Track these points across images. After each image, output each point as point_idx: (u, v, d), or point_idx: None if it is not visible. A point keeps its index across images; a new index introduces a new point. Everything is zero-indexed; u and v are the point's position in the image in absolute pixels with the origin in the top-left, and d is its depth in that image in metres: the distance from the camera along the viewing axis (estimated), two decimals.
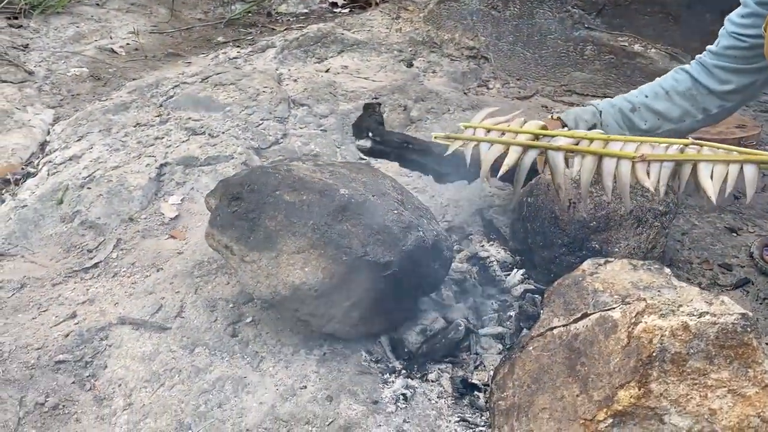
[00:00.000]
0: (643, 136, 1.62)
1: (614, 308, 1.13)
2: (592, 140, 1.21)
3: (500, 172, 1.28)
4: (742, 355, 1.05)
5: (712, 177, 1.11)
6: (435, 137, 1.40)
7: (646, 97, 1.69)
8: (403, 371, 1.44)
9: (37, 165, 2.23)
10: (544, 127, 1.30)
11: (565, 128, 1.61)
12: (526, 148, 1.24)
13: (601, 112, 1.67)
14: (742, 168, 1.09)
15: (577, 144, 1.23)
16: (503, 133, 1.30)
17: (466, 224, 2.00)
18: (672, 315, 1.08)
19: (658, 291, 1.14)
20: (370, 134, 1.71)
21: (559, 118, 1.63)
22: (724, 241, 1.99)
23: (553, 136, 1.26)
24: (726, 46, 1.62)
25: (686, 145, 1.16)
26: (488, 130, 1.32)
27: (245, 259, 1.40)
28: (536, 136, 1.27)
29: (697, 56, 1.71)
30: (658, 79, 1.74)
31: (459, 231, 1.97)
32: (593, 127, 1.63)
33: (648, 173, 1.15)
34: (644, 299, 1.11)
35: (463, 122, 1.40)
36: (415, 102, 2.73)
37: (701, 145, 1.16)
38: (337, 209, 1.41)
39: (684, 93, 1.67)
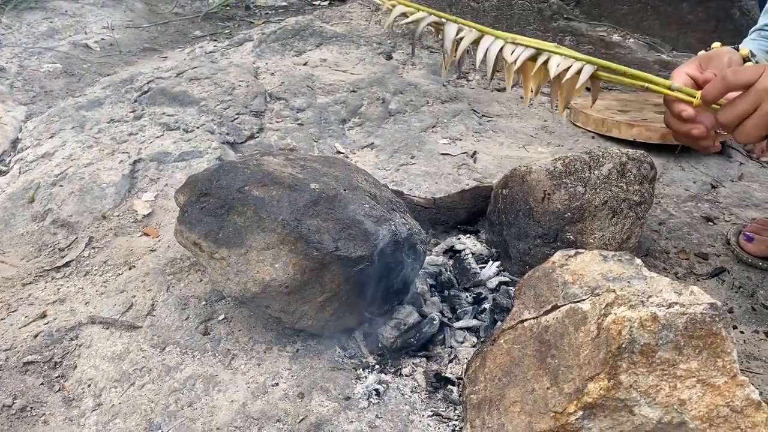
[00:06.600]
0: None
1: (584, 300, 1.12)
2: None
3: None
4: (711, 345, 1.04)
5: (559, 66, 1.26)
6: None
7: None
8: (377, 366, 1.43)
9: (9, 163, 2.19)
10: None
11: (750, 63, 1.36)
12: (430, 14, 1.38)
13: None
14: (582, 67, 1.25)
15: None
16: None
17: None
18: (641, 306, 1.07)
19: (628, 282, 1.13)
20: None
21: (746, 58, 1.35)
22: (700, 230, 2.00)
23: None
24: None
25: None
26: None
27: (214, 256, 1.38)
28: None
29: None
30: None
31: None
32: None
33: (512, 53, 1.28)
34: (614, 290, 1.10)
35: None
36: (394, 95, 2.71)
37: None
38: (307, 204, 1.38)
39: None
